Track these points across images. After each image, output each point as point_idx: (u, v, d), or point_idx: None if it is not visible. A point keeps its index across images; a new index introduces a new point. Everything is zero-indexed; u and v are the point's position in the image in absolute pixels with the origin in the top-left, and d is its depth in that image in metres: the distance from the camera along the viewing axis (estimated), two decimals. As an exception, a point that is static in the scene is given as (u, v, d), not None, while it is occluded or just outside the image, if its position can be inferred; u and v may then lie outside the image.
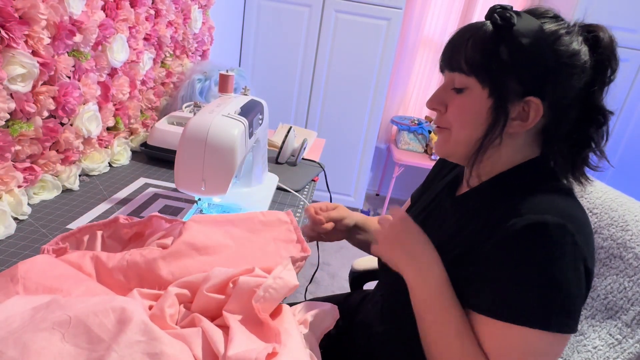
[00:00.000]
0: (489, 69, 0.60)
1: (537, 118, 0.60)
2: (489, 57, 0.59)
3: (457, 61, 0.62)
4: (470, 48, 0.61)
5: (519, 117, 0.61)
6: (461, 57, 0.62)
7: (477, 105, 0.62)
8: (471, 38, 0.61)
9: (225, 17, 2.13)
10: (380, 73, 2.58)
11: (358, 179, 2.89)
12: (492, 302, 0.57)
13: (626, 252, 0.77)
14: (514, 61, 0.58)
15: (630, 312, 0.73)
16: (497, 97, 0.60)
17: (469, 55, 0.61)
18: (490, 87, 0.60)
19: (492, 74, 0.60)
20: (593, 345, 0.76)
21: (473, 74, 0.61)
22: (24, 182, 0.86)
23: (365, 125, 2.72)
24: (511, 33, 0.58)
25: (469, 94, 0.62)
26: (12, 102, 0.79)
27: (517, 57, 0.58)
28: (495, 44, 0.59)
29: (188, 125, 0.75)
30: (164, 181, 1.13)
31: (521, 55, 0.58)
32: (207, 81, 1.47)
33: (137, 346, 0.43)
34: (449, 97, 0.65)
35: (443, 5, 2.85)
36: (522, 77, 0.59)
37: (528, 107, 0.60)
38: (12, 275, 0.53)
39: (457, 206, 0.72)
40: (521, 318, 0.54)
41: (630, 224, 0.79)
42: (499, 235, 0.57)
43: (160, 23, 1.33)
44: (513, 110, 0.60)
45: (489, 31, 0.60)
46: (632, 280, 0.74)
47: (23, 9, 0.77)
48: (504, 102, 0.60)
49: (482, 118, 0.62)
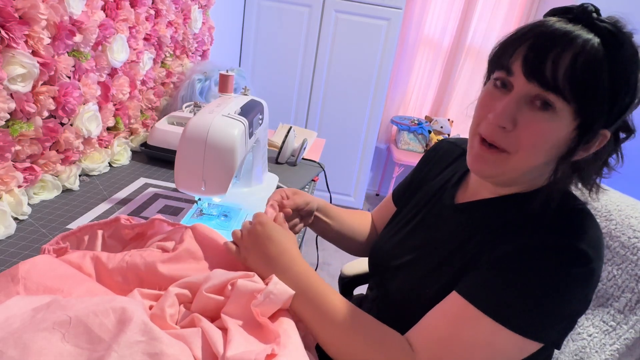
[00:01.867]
0: (594, 101, 0.50)
1: (600, 146, 0.54)
2: (598, 87, 0.50)
3: (556, 80, 0.50)
4: (580, 70, 0.49)
5: (584, 147, 0.54)
6: (564, 76, 0.50)
7: (561, 133, 0.53)
8: (580, 56, 0.49)
9: (225, 17, 2.13)
10: (380, 73, 2.58)
11: (358, 179, 2.89)
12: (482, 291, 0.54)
13: (612, 241, 0.78)
14: (615, 92, 0.50)
15: (621, 299, 0.74)
16: (587, 130, 0.52)
17: (577, 79, 0.50)
18: (585, 119, 0.51)
19: (595, 106, 0.51)
20: (588, 333, 0.77)
21: (574, 100, 0.51)
22: (24, 182, 0.86)
23: (365, 125, 2.72)
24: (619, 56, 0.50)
25: (555, 119, 0.52)
26: (12, 102, 0.79)
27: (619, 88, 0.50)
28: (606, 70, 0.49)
29: (188, 125, 0.75)
30: (164, 181, 1.13)
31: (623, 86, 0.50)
32: (207, 81, 1.47)
33: (137, 346, 0.43)
34: (523, 115, 0.54)
35: (443, 5, 2.85)
36: (614, 110, 0.51)
37: (597, 138, 0.54)
38: (12, 276, 0.53)
39: (459, 215, 0.68)
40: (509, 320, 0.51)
41: (613, 213, 0.80)
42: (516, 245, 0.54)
43: (160, 23, 1.33)
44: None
45: (600, 50, 0.49)
46: (620, 268, 0.75)
47: (23, 9, 0.77)
48: (591, 135, 0.52)
49: (559, 147, 0.54)
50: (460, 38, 2.91)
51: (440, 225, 0.70)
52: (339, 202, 2.86)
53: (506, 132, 0.55)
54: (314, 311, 0.57)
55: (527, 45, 0.53)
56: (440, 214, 0.72)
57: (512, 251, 0.54)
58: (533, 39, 0.53)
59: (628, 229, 0.76)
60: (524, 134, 0.54)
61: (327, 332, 0.57)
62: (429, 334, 0.57)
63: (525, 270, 0.53)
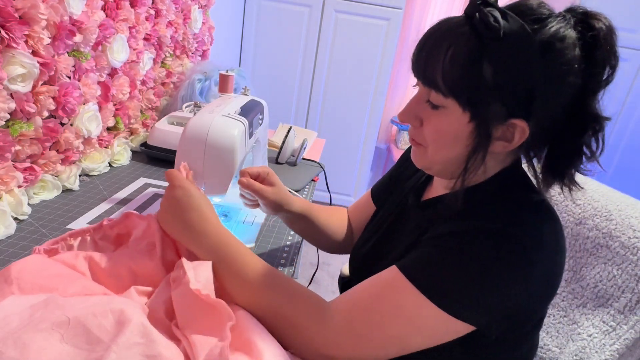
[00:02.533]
0: (471, 92, 0.52)
1: (522, 139, 0.54)
2: (471, 78, 0.50)
3: (432, 76, 0.53)
4: (449, 63, 0.51)
5: (503, 138, 0.55)
6: (438, 72, 0.53)
7: (456, 127, 0.55)
8: (450, 49, 0.51)
9: (225, 17, 2.13)
10: (380, 73, 2.58)
11: (358, 179, 2.89)
12: (416, 264, 0.54)
13: (612, 241, 0.78)
14: (499, 82, 0.50)
15: (621, 299, 0.74)
16: (479, 123, 0.53)
17: (447, 72, 0.52)
18: (472, 111, 0.53)
19: (475, 97, 0.52)
20: (588, 333, 0.76)
21: (452, 95, 0.53)
22: (24, 182, 0.86)
23: (365, 125, 2.72)
24: (497, 47, 0.49)
25: (446, 113, 0.55)
26: (12, 102, 0.79)
27: (503, 77, 0.50)
28: (479, 60, 0.49)
29: (188, 125, 0.75)
30: (164, 181, 1.13)
31: (507, 75, 0.50)
32: (207, 81, 1.47)
33: (136, 348, 0.43)
34: (424, 112, 0.57)
35: (443, 5, 2.85)
36: (507, 100, 0.51)
37: (513, 129, 0.53)
38: (5, 277, 0.53)
39: (421, 211, 0.68)
40: (436, 294, 0.51)
41: (613, 213, 0.80)
42: (454, 226, 0.54)
43: (160, 23, 1.33)
44: (496, 131, 0.54)
45: (472, 42, 0.50)
46: (620, 268, 0.75)
47: (23, 9, 0.77)
48: (487, 127, 0.53)
49: (462, 140, 0.55)
50: (460, 38, 2.91)
51: (406, 224, 0.70)
52: (339, 202, 2.86)
53: (416, 129, 0.60)
54: (231, 273, 0.57)
55: (415, 48, 0.57)
56: (409, 214, 0.72)
57: (450, 232, 0.54)
58: (419, 41, 0.56)
59: (628, 228, 0.76)
60: (426, 130, 0.58)
61: (241, 290, 0.57)
62: (351, 298, 0.57)
63: (459, 250, 0.52)
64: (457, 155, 0.57)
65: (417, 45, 0.56)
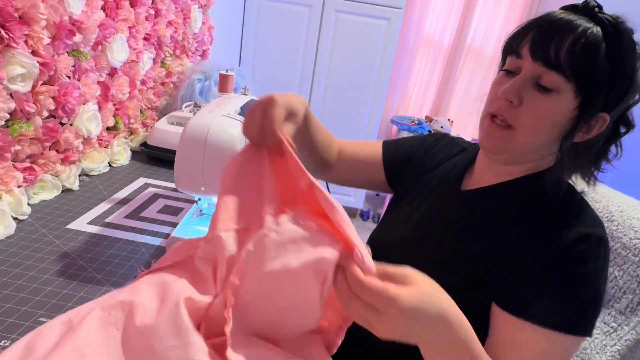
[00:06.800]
0: (591, 78, 0.55)
1: (599, 132, 0.58)
2: (594, 66, 0.55)
3: (558, 58, 0.56)
4: (580, 51, 0.55)
5: (585, 128, 0.58)
6: (566, 56, 0.55)
7: (563, 113, 0.57)
8: (581, 39, 0.55)
9: (225, 17, 2.13)
10: (380, 73, 2.58)
11: (358, 179, 2.89)
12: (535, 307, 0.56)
13: (614, 242, 0.78)
14: (613, 76, 0.55)
15: (623, 301, 0.74)
16: (586, 110, 0.56)
17: (577, 58, 0.55)
18: (584, 98, 0.56)
19: (592, 85, 0.55)
20: None
21: (574, 80, 0.56)
22: (24, 182, 0.85)
23: (365, 125, 2.72)
24: (617, 44, 0.55)
25: (557, 98, 0.57)
26: (12, 102, 0.79)
27: (617, 72, 0.55)
28: (604, 54, 0.54)
29: (188, 125, 0.75)
30: (164, 181, 1.13)
31: (620, 71, 0.55)
32: (207, 81, 1.47)
33: None
34: (528, 93, 0.58)
35: (443, 5, 2.85)
36: (612, 94, 0.56)
37: (596, 120, 0.57)
38: None
39: (466, 203, 0.69)
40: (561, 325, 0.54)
41: (614, 214, 0.80)
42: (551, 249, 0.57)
43: (160, 23, 1.33)
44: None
45: (599, 37, 0.55)
46: (622, 269, 0.75)
47: (23, 8, 0.77)
48: (590, 116, 0.56)
49: (558, 127, 0.58)
50: (460, 38, 2.91)
51: (448, 215, 0.70)
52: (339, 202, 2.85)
53: (512, 107, 0.59)
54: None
55: (534, 31, 0.59)
56: (449, 203, 0.72)
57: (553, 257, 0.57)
58: (540, 26, 0.59)
59: (630, 230, 0.76)
60: (525, 111, 0.58)
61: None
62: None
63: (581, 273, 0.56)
64: (544, 141, 0.60)
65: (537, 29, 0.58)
